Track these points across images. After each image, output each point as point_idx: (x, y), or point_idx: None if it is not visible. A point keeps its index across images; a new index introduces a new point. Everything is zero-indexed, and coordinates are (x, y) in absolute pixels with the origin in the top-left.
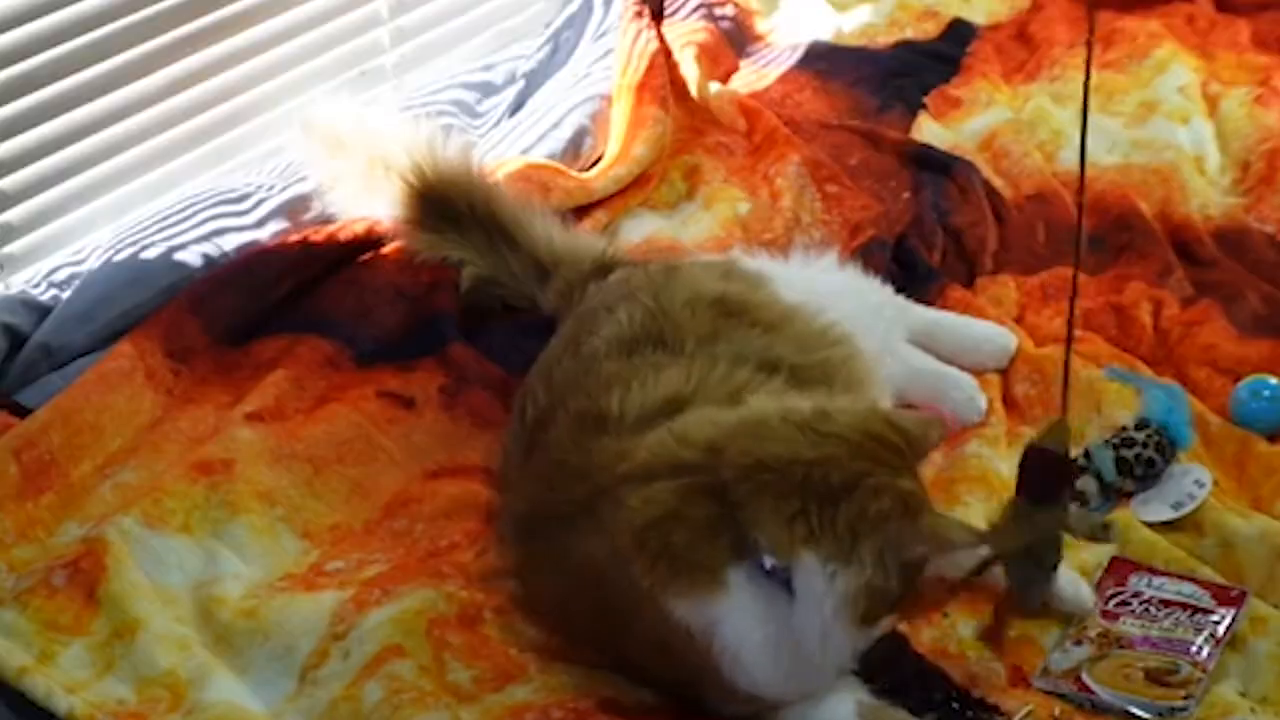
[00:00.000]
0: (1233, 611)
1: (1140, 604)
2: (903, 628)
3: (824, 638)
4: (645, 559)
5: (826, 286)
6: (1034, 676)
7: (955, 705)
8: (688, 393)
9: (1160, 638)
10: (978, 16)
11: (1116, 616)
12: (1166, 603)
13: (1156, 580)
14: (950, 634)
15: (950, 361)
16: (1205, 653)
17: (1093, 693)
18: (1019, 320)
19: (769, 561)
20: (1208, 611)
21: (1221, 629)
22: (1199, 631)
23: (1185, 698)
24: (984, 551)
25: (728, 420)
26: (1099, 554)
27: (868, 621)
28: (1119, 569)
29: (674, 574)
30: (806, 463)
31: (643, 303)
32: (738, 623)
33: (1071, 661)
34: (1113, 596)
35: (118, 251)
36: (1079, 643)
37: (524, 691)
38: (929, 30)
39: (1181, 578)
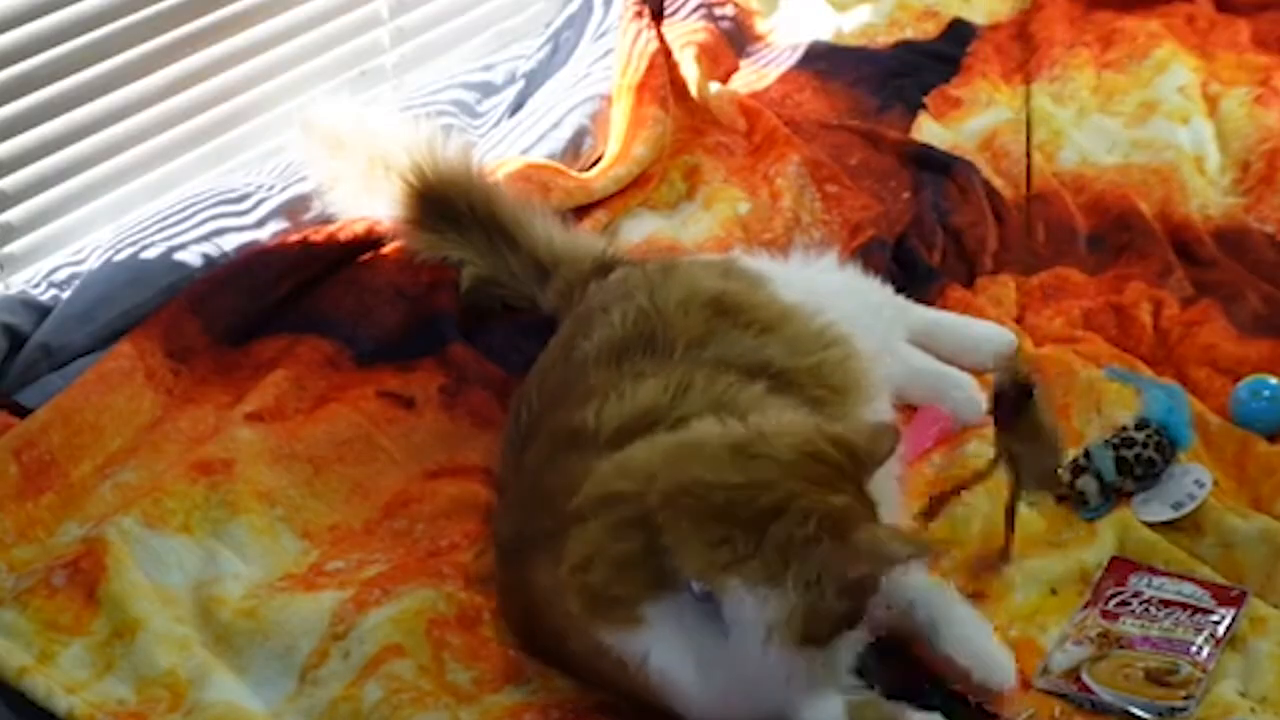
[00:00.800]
0: (1233, 611)
1: (1140, 604)
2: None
3: (763, 663)
4: (574, 595)
5: (826, 286)
6: (1034, 676)
7: (953, 709)
8: (665, 404)
9: (1160, 638)
10: (978, 16)
11: (1116, 616)
12: (1166, 603)
13: (1156, 580)
14: None
15: (950, 361)
16: (1205, 653)
17: (1093, 693)
18: (1019, 320)
19: (697, 587)
20: (1208, 611)
21: (1221, 629)
22: (1199, 631)
23: (1185, 698)
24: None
25: (666, 445)
26: (1099, 554)
27: (813, 642)
28: (1119, 569)
29: (599, 610)
30: (731, 487)
31: (637, 302)
32: (667, 652)
33: (1071, 661)
34: (1113, 596)
35: (118, 251)
36: (1079, 643)
37: (522, 693)
38: (929, 30)
39: (1181, 578)
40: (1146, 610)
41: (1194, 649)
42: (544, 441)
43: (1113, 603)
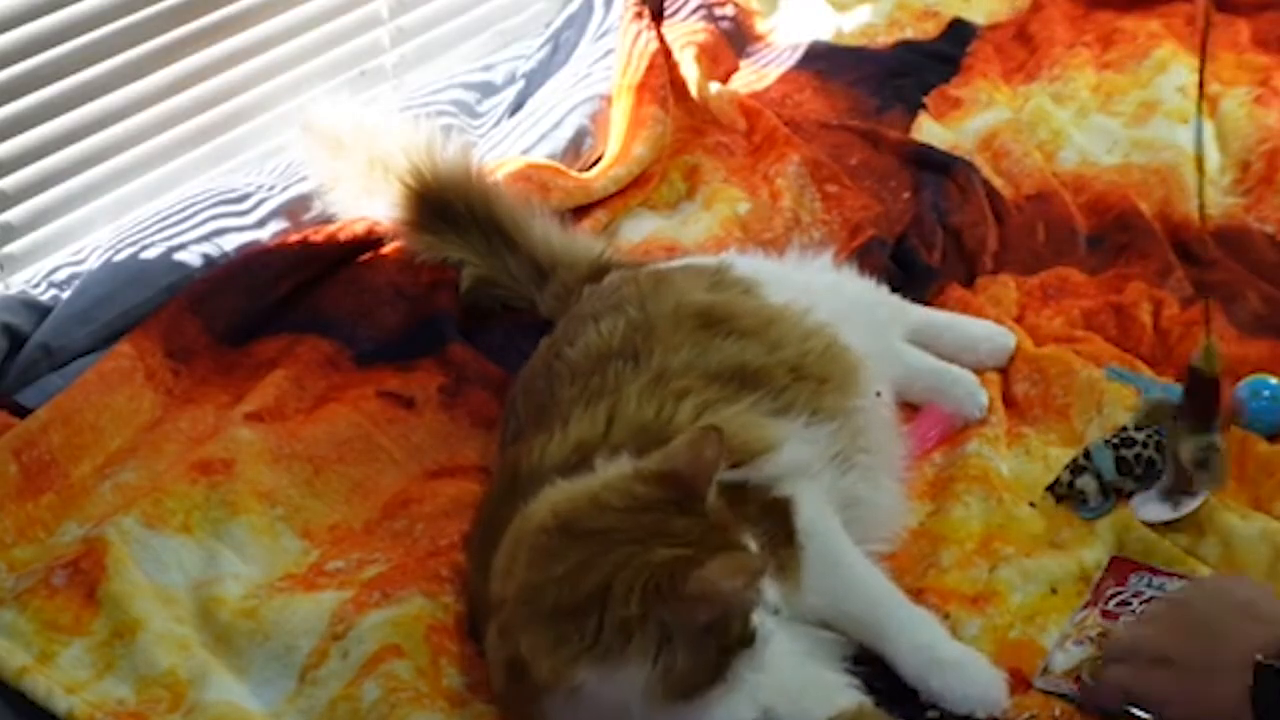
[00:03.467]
0: None
1: (1140, 604)
2: None
3: None
4: (496, 698)
5: (819, 286)
6: (1035, 677)
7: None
8: (598, 436)
9: None
10: (978, 16)
11: (1116, 616)
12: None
13: (1157, 580)
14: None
15: (949, 361)
16: None
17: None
18: (1019, 320)
19: (554, 689)
20: None
21: None
22: None
23: None
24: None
25: (526, 537)
26: (1099, 554)
27: (690, 694)
28: (1119, 569)
29: (509, 711)
30: (556, 581)
31: (627, 315)
32: None
33: (1072, 661)
34: (1113, 596)
35: (118, 251)
36: (1079, 642)
37: None
38: (929, 30)
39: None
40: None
41: None
42: (501, 476)
43: (1113, 602)
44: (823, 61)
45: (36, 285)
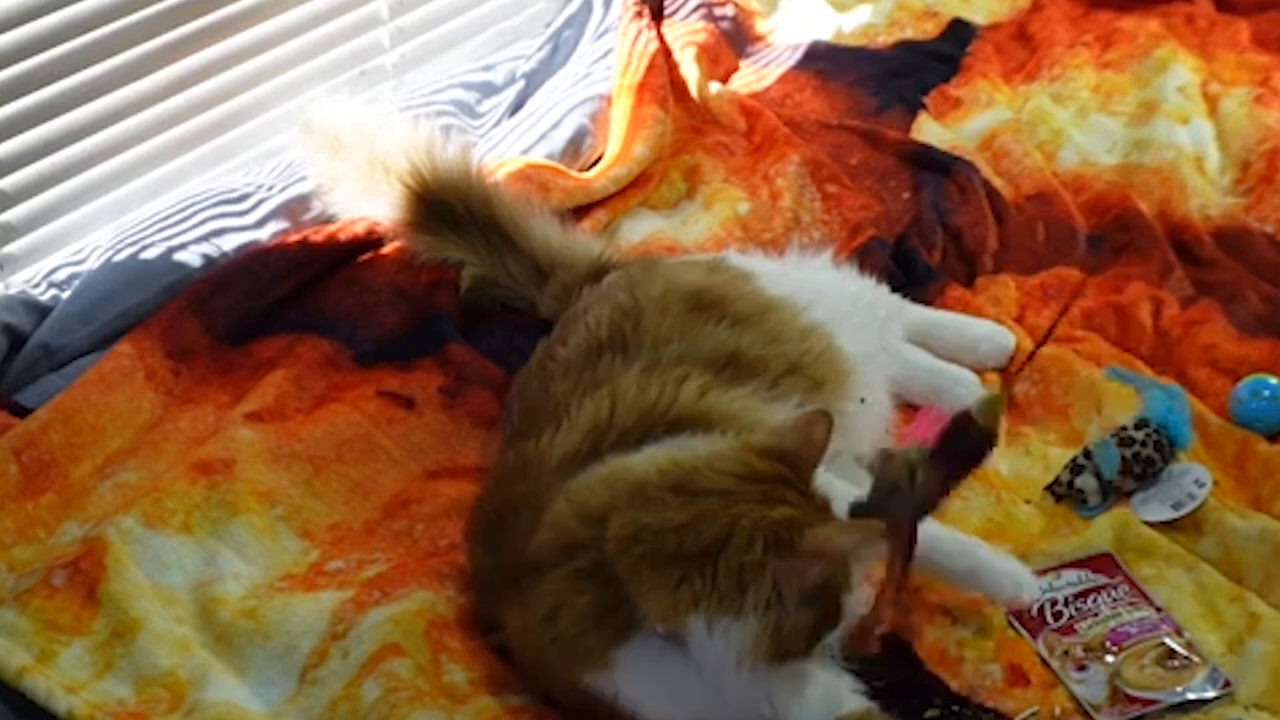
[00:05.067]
0: (1119, 578)
1: (1064, 608)
2: (905, 631)
3: (738, 687)
4: (546, 645)
5: (817, 284)
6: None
7: (955, 709)
8: (604, 420)
9: (1118, 627)
10: (978, 16)
11: (1072, 629)
12: (1079, 595)
13: (1043, 581)
14: (950, 635)
15: (949, 360)
16: (1165, 621)
17: (1152, 701)
18: (1019, 320)
19: (662, 630)
20: (1105, 587)
21: (1130, 609)
22: (1130, 609)
23: (1209, 664)
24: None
25: (615, 486)
26: (1097, 552)
27: (790, 657)
28: None
29: (571, 657)
30: (678, 528)
31: (616, 300)
32: (639, 688)
33: (1102, 683)
34: (1044, 616)
35: (118, 251)
36: (1082, 668)
37: (519, 698)
38: (929, 30)
39: (1060, 569)
40: (1078, 610)
41: (1150, 623)
42: (506, 467)
43: (1056, 621)
44: (823, 61)
45: (36, 285)
